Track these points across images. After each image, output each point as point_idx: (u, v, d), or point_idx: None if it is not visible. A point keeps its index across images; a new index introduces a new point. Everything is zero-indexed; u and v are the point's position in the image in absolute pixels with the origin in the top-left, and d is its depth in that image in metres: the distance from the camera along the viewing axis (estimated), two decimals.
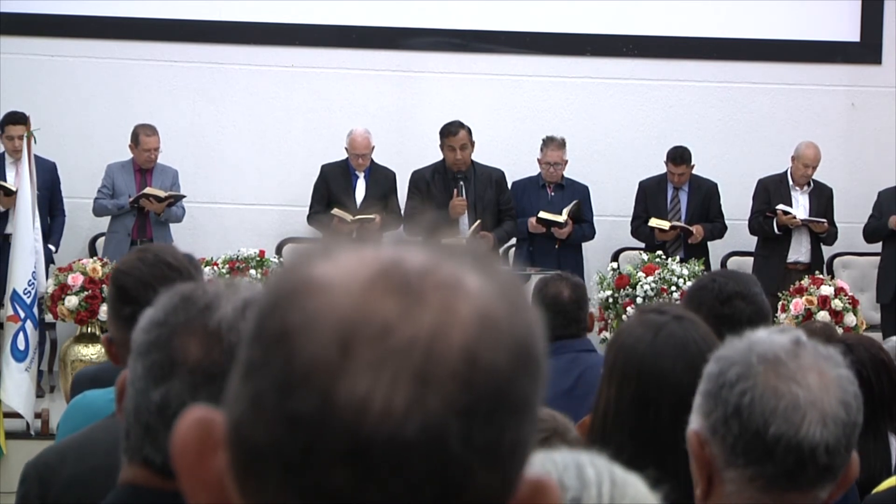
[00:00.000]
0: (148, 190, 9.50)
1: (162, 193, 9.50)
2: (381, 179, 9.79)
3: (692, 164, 9.92)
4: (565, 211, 9.64)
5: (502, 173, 9.51)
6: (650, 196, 9.99)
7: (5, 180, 9.34)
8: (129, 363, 1.83)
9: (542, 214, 9.59)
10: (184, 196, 9.67)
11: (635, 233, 10.02)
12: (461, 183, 9.23)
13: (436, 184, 9.29)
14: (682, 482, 1.96)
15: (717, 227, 10.00)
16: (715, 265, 9.90)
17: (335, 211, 9.35)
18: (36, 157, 9.21)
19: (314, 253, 0.87)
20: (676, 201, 9.98)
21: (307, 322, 0.83)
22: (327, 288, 0.84)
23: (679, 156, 9.88)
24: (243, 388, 0.85)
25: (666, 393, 2.28)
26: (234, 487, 0.86)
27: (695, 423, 1.81)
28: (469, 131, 9.28)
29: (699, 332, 2.40)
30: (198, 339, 1.72)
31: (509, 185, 9.80)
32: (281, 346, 0.83)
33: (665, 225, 9.73)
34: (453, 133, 9.26)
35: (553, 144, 9.84)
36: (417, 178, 9.41)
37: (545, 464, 1.23)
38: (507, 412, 0.84)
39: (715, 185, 10.05)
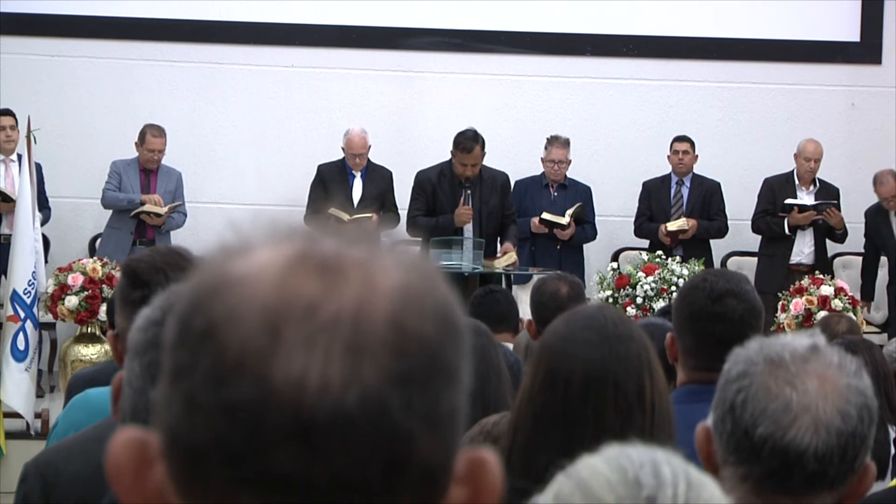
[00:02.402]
0: (148, 207, 9.48)
1: (162, 210, 9.49)
2: (378, 179, 9.79)
3: (696, 150, 9.94)
4: (568, 213, 9.64)
5: (507, 177, 9.41)
6: (653, 193, 10.00)
7: None
8: (125, 363, 1.83)
9: (546, 216, 9.58)
10: (180, 203, 9.65)
11: (639, 230, 10.03)
12: (468, 192, 9.09)
13: (441, 187, 9.16)
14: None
15: (716, 226, 9.99)
16: (715, 265, 9.89)
17: (332, 210, 9.33)
18: (19, 156, 9.24)
19: (227, 252, 0.87)
20: (679, 196, 9.99)
21: (231, 314, 0.83)
22: (246, 280, 0.85)
23: (682, 136, 9.94)
24: (174, 393, 0.85)
25: (576, 368, 2.25)
26: (177, 496, 0.86)
27: (709, 419, 1.81)
28: (482, 144, 9.07)
29: (621, 317, 2.39)
30: None
31: (511, 186, 9.79)
32: (208, 342, 0.84)
33: (674, 226, 9.73)
34: (467, 150, 8.98)
35: (557, 143, 9.85)
36: (423, 180, 9.24)
37: (620, 459, 1.23)
38: (440, 377, 0.85)
39: (718, 185, 10.05)
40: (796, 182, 9.93)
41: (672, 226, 9.75)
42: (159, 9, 10.36)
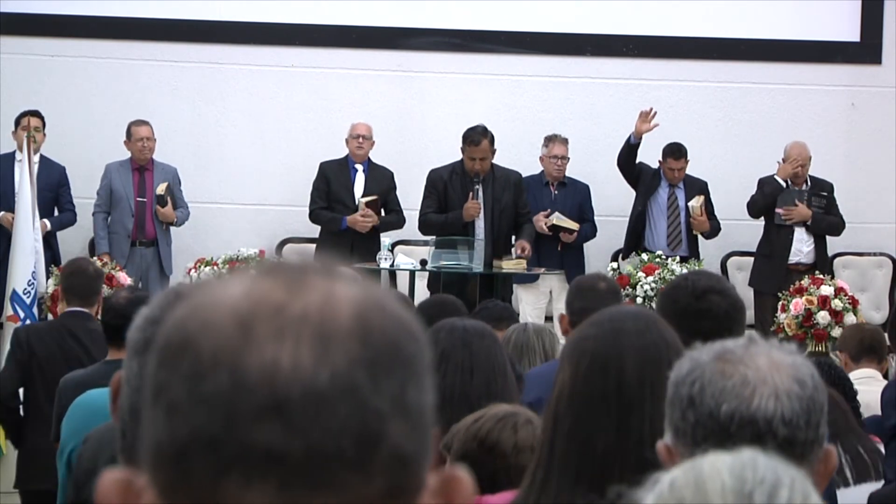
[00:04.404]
0: (159, 189, 9.49)
1: (162, 190, 9.51)
2: (380, 177, 9.80)
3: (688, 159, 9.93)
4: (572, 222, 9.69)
5: (520, 176, 9.42)
6: (645, 192, 9.93)
7: (13, 179, 9.31)
8: (124, 362, 1.83)
9: (556, 220, 9.60)
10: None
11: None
12: (477, 186, 9.11)
13: (453, 184, 9.17)
14: (647, 439, 1.96)
15: (714, 225, 9.98)
16: (714, 265, 9.90)
17: (360, 200, 9.49)
18: (44, 157, 9.23)
19: (199, 287, 0.94)
20: (674, 198, 9.96)
21: (205, 325, 0.89)
22: (216, 300, 0.90)
23: (678, 150, 9.87)
24: (155, 409, 0.90)
25: (628, 353, 2.27)
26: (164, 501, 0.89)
27: (665, 436, 1.84)
28: (492, 139, 9.08)
29: (651, 315, 2.44)
30: None
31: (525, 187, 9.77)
32: (185, 352, 0.89)
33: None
34: (475, 143, 9.04)
35: (558, 140, 9.88)
36: (435, 178, 9.26)
37: (745, 469, 1.23)
38: (405, 370, 0.91)
39: (706, 184, 10.03)
40: (789, 182, 9.90)
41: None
42: (159, 9, 10.36)
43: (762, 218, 9.90)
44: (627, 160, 9.83)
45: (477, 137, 9.03)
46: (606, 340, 2.30)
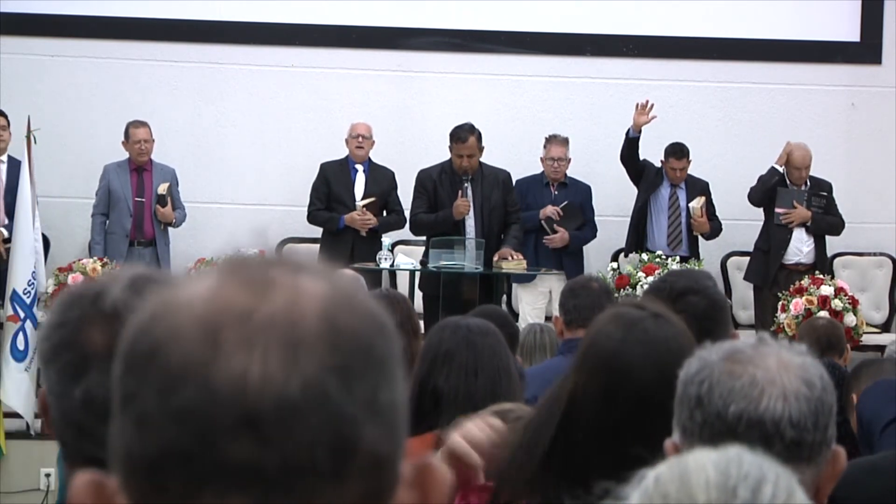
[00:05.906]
0: (161, 189, 9.50)
1: (163, 190, 9.51)
2: (381, 178, 9.81)
3: (690, 158, 9.94)
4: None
5: (508, 174, 9.45)
6: (647, 189, 9.94)
7: None
8: (42, 376, 1.84)
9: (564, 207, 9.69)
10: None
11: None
12: (466, 185, 9.15)
13: (442, 184, 9.20)
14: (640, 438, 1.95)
15: (715, 226, 9.99)
16: (714, 265, 9.90)
17: (359, 202, 9.49)
18: (11, 158, 9.25)
19: (164, 287, 0.92)
20: (675, 198, 9.96)
21: (172, 332, 0.87)
22: (182, 303, 0.89)
23: (680, 150, 9.87)
24: (125, 417, 0.89)
25: (629, 390, 2.26)
26: None
27: (673, 435, 1.84)
28: (479, 137, 9.12)
29: (674, 330, 2.37)
30: (98, 326, 1.72)
31: (513, 185, 9.80)
32: (153, 361, 0.87)
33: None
34: (462, 140, 9.10)
35: (556, 141, 9.88)
36: (424, 178, 9.30)
37: (730, 464, 1.23)
38: (376, 369, 0.90)
39: (707, 184, 10.03)
40: (788, 181, 9.89)
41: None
42: (159, 9, 10.36)
43: (762, 216, 9.90)
44: (629, 154, 9.84)
45: (464, 134, 9.08)
46: (614, 370, 2.28)
